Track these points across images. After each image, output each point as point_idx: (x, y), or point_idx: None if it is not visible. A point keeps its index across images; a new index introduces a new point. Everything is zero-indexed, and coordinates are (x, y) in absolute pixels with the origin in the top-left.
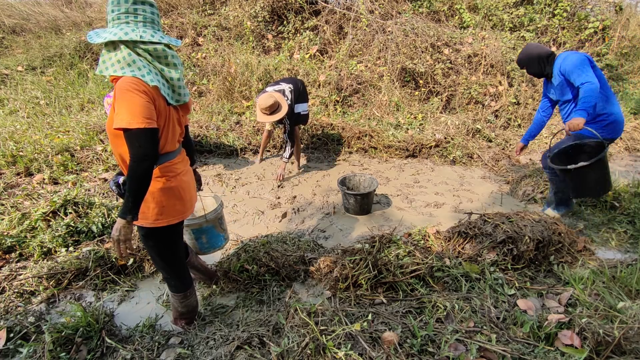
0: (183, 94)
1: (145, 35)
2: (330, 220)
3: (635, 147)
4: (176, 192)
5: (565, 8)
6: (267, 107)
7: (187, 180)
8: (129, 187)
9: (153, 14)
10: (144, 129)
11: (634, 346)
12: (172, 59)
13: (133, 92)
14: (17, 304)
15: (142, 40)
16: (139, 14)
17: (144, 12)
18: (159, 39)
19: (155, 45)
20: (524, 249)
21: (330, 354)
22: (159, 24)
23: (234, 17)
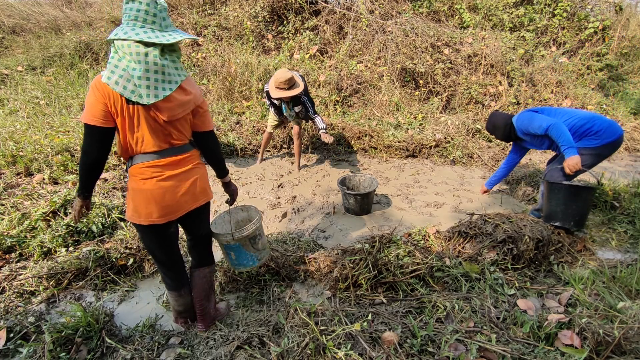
0: (145, 93)
1: (119, 32)
2: (330, 220)
3: (635, 147)
4: (147, 196)
5: (565, 8)
6: (285, 80)
7: (167, 186)
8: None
9: (139, 11)
10: (87, 125)
11: (634, 346)
12: (137, 56)
13: (91, 89)
14: (17, 304)
15: (115, 38)
16: (126, 13)
17: (130, 11)
18: (129, 36)
19: (123, 41)
20: (524, 248)
21: (330, 354)
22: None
23: (234, 17)
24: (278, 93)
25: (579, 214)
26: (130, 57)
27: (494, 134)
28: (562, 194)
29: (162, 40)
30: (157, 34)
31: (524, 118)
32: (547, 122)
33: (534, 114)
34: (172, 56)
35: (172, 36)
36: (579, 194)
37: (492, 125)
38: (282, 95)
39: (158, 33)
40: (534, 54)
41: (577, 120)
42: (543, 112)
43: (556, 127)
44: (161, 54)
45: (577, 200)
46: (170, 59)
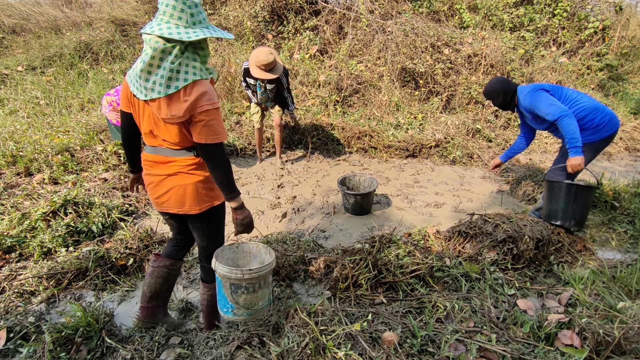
0: (141, 89)
1: (147, 26)
2: (330, 220)
3: (635, 147)
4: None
5: (565, 8)
6: (267, 63)
7: (148, 182)
8: None
9: (167, 5)
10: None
11: (634, 346)
12: (145, 49)
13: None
14: (17, 304)
15: (142, 32)
16: (159, 6)
17: (160, 5)
18: (152, 30)
19: (146, 35)
20: (524, 248)
21: (330, 354)
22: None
23: (234, 17)
24: (258, 73)
25: (579, 213)
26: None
27: (491, 99)
28: (563, 193)
29: (183, 37)
30: (180, 30)
31: (533, 95)
32: (559, 113)
33: (545, 95)
34: (195, 55)
35: (196, 34)
36: (580, 193)
37: (492, 89)
38: (261, 75)
39: (182, 29)
40: (534, 54)
41: (580, 111)
42: (553, 93)
43: (567, 121)
44: (181, 52)
45: (577, 199)
46: (191, 58)
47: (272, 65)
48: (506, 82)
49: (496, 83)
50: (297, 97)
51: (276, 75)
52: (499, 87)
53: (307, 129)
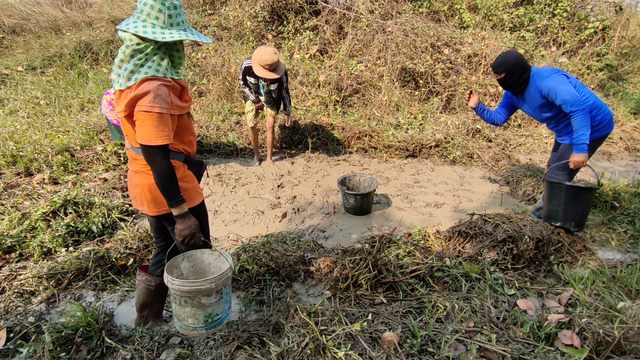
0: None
1: (123, 24)
2: (330, 220)
3: (635, 147)
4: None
5: (565, 8)
6: (272, 63)
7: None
8: None
9: (145, 5)
10: None
11: (634, 346)
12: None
13: None
14: (17, 304)
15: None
16: (137, 5)
17: (138, 3)
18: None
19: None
20: (524, 248)
21: (330, 354)
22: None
23: (234, 17)
24: (262, 72)
25: (580, 214)
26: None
27: (505, 72)
28: (564, 195)
29: (158, 37)
30: (156, 29)
31: (555, 80)
32: (578, 105)
33: (565, 81)
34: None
35: (172, 35)
36: (580, 195)
37: (509, 62)
38: (265, 75)
39: (158, 29)
40: (534, 54)
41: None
42: (568, 77)
43: (583, 116)
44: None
45: (578, 201)
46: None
47: (276, 65)
48: (524, 59)
49: (515, 57)
50: (297, 97)
51: (279, 75)
52: (518, 61)
53: (307, 129)
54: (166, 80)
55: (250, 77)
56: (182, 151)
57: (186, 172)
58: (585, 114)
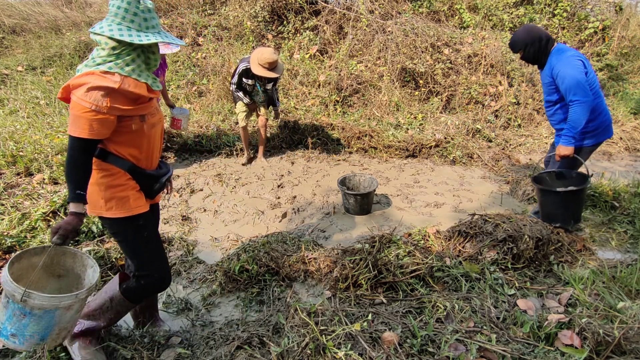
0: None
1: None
2: (330, 220)
3: (635, 147)
4: None
5: (565, 8)
6: (273, 61)
7: None
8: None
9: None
10: None
11: (634, 346)
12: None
13: None
14: None
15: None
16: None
17: (112, 7)
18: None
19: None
20: (524, 247)
21: (330, 354)
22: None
23: (234, 17)
24: (262, 71)
25: (576, 211)
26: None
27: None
28: (558, 200)
29: (134, 40)
30: (131, 32)
31: (567, 61)
32: (579, 95)
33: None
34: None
35: (148, 37)
36: (574, 197)
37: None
38: (265, 74)
39: (134, 32)
40: None
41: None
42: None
43: (582, 110)
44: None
45: (572, 202)
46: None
47: (275, 65)
48: (542, 29)
49: (525, 31)
50: (297, 97)
51: (279, 74)
52: (528, 35)
53: (307, 129)
54: (117, 80)
55: (247, 79)
56: (128, 158)
57: (125, 181)
58: (585, 108)
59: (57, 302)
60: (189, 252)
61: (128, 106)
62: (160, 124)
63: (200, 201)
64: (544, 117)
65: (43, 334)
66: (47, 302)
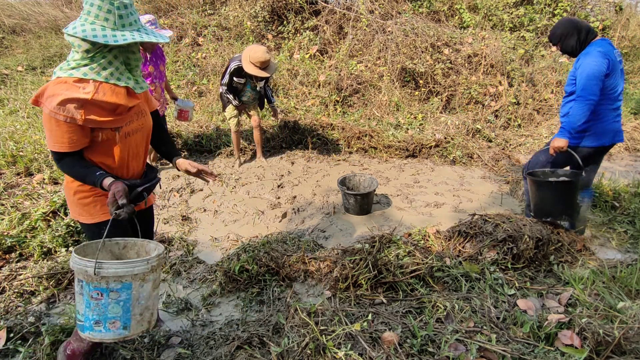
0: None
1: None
2: (330, 220)
3: (635, 147)
4: None
5: (565, 8)
6: (265, 60)
7: None
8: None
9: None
10: None
11: (634, 346)
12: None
13: None
14: (17, 304)
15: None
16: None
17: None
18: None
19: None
20: (524, 247)
21: (330, 354)
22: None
23: (234, 17)
24: (254, 70)
25: (569, 206)
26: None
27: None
28: (548, 192)
29: (109, 40)
30: (106, 32)
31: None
32: (586, 92)
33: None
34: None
35: (124, 37)
36: (564, 189)
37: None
38: (258, 73)
39: (109, 32)
40: (534, 54)
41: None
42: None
43: (583, 107)
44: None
45: (563, 194)
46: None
47: (268, 64)
48: (573, 23)
49: (561, 24)
50: (297, 97)
51: (270, 73)
52: (564, 28)
53: (307, 129)
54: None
55: (239, 79)
56: (99, 165)
57: (92, 188)
58: (586, 106)
59: (130, 269)
60: (189, 252)
61: (105, 117)
62: (144, 129)
63: (200, 201)
64: (544, 117)
65: (125, 318)
66: (121, 269)
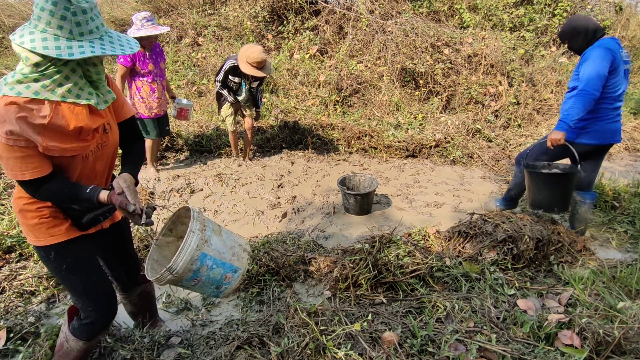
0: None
1: (17, 34)
2: (330, 220)
3: (635, 147)
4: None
5: (565, 8)
6: (261, 60)
7: None
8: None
9: (42, 10)
10: None
11: (634, 346)
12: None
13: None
14: (17, 304)
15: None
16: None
17: (35, 7)
18: (22, 42)
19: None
20: (524, 248)
21: (330, 354)
22: (56, 25)
23: (234, 17)
24: (250, 70)
25: (563, 198)
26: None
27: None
28: (543, 183)
29: (63, 54)
30: (60, 43)
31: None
32: (587, 87)
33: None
34: (74, 72)
35: (82, 50)
36: (559, 181)
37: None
38: (254, 73)
39: (62, 42)
40: (534, 54)
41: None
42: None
43: (583, 100)
44: (56, 71)
45: (558, 187)
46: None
47: (264, 64)
48: (589, 20)
49: (570, 23)
50: (297, 97)
51: (267, 73)
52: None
53: (307, 129)
54: (46, 114)
55: (234, 77)
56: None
57: (39, 208)
58: (586, 101)
59: (188, 248)
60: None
61: (69, 144)
62: (107, 147)
63: (200, 201)
64: (544, 117)
65: (228, 269)
66: (183, 256)
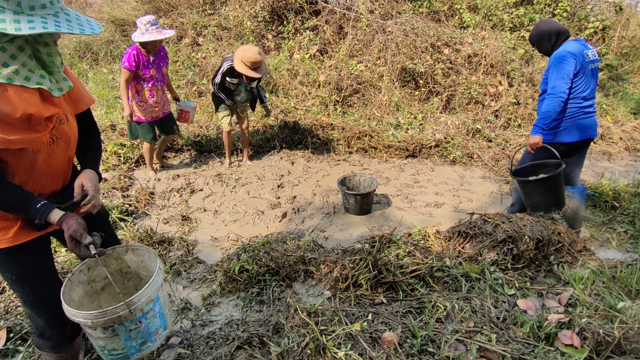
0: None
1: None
2: (330, 220)
3: (635, 147)
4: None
5: (565, 8)
6: (256, 61)
7: None
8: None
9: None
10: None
11: (634, 346)
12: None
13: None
14: (17, 304)
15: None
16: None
17: None
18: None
19: None
20: (524, 248)
21: (330, 354)
22: None
23: (234, 17)
24: (245, 70)
25: (556, 197)
26: None
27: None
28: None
29: (7, 28)
30: (5, 16)
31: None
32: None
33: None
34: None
35: (32, 26)
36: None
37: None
38: (249, 73)
39: (8, 16)
40: (534, 54)
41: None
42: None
43: (552, 104)
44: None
45: (549, 189)
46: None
47: (259, 65)
48: (552, 23)
49: (541, 24)
50: (297, 97)
51: (262, 74)
52: (544, 29)
53: (307, 129)
54: None
55: (232, 79)
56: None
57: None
58: (555, 104)
59: (157, 284)
60: (189, 252)
61: (15, 135)
62: (63, 140)
63: (200, 201)
64: None
65: (163, 322)
66: (147, 292)
